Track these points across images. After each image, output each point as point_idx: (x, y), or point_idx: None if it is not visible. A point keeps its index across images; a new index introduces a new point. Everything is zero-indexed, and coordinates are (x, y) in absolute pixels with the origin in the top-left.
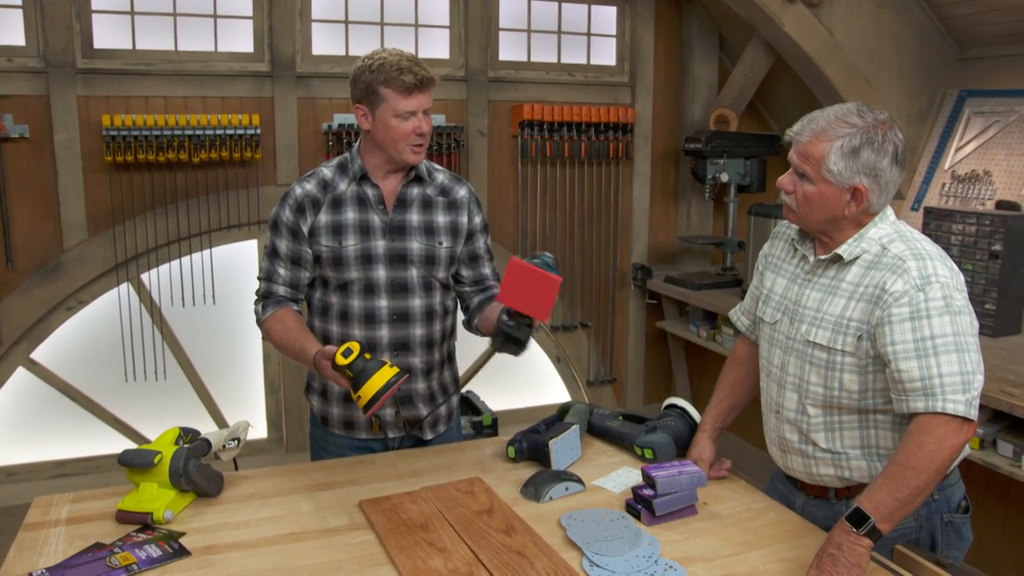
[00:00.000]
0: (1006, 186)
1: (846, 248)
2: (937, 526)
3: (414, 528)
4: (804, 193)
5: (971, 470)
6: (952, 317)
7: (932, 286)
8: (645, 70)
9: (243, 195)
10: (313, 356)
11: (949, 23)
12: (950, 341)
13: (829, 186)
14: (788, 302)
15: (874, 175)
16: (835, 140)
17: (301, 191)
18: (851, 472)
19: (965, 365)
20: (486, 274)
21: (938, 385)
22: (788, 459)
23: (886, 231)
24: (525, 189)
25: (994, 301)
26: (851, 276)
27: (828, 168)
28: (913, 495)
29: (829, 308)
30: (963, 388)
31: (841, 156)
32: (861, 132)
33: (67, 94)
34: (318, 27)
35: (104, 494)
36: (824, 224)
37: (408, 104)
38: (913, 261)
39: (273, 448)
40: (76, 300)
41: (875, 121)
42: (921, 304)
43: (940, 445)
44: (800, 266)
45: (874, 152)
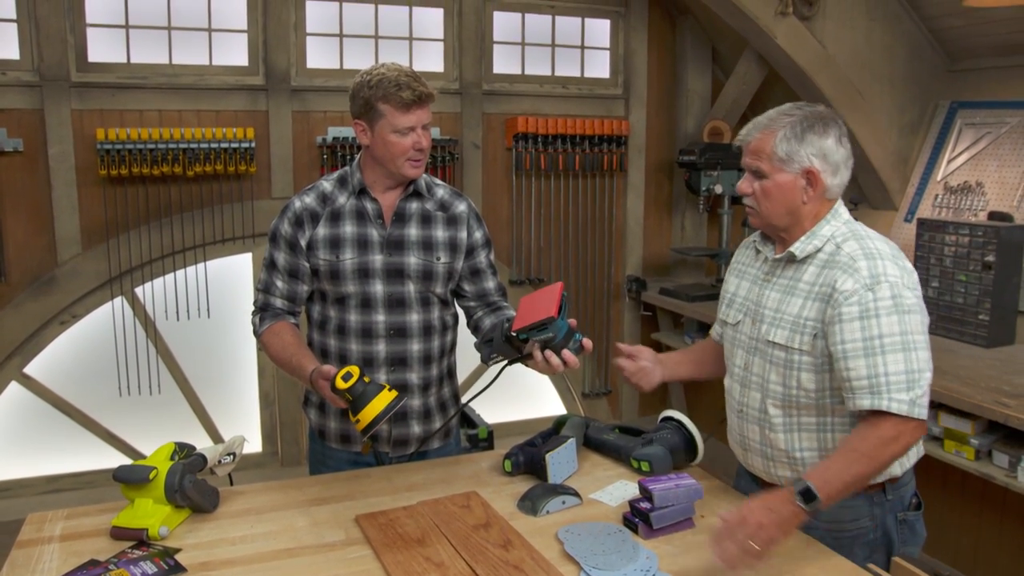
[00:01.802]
0: (998, 197)
1: (799, 245)
2: (892, 525)
3: (411, 543)
4: (762, 188)
5: (967, 481)
6: (900, 316)
7: (881, 285)
8: (639, 82)
9: (237, 208)
10: (310, 374)
11: (940, 35)
12: (897, 340)
13: (783, 174)
14: (750, 303)
15: (822, 155)
16: (779, 129)
17: (300, 204)
18: (806, 470)
19: (911, 363)
20: (490, 288)
21: (883, 384)
22: (749, 457)
23: (840, 229)
24: (519, 202)
25: (988, 312)
26: (808, 276)
27: (778, 156)
28: (857, 481)
29: (787, 308)
30: (907, 387)
31: (787, 141)
32: (801, 118)
33: (61, 108)
34: (313, 40)
35: (98, 510)
36: (786, 218)
37: (407, 120)
38: (864, 260)
39: (268, 462)
40: (70, 314)
41: (813, 110)
42: (870, 303)
43: (883, 442)
44: (761, 268)
45: (817, 134)
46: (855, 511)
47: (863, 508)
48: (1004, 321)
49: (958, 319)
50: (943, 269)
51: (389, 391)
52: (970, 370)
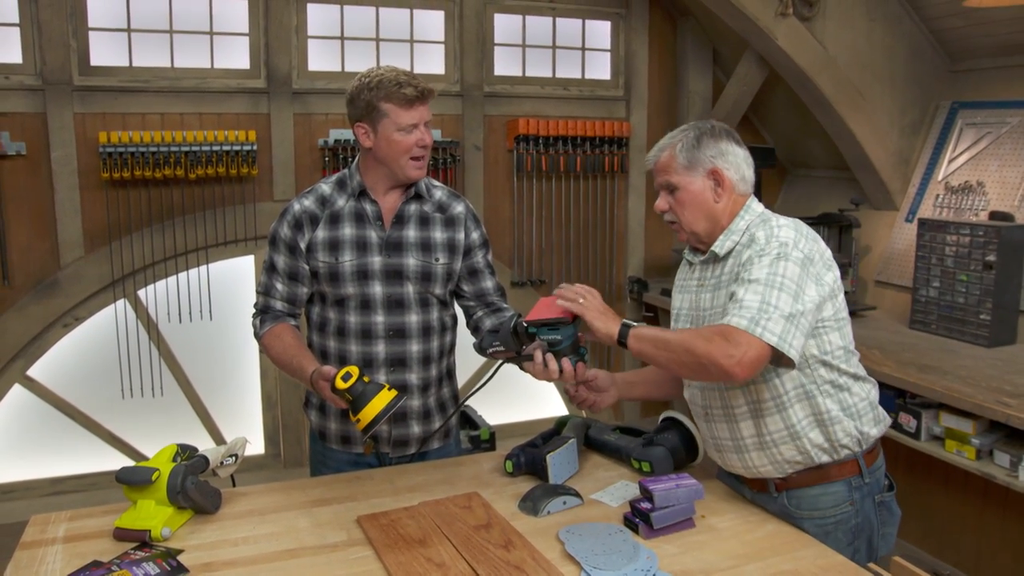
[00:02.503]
0: (999, 197)
1: (719, 244)
2: (871, 507)
3: (412, 543)
4: (677, 200)
5: (968, 480)
6: (773, 261)
7: (771, 243)
8: (640, 84)
9: (239, 211)
10: (310, 375)
11: (940, 36)
12: (762, 278)
13: (691, 180)
14: (693, 311)
15: (722, 155)
16: (677, 143)
17: (299, 207)
18: (782, 454)
19: (768, 298)
20: (488, 288)
21: (736, 308)
22: (726, 457)
23: (752, 221)
24: (521, 203)
25: (989, 312)
26: (728, 267)
27: (682, 165)
28: (662, 351)
29: (717, 301)
30: (757, 311)
31: (686, 150)
32: (693, 129)
33: (64, 111)
34: (314, 43)
35: (101, 512)
36: (706, 222)
37: (411, 116)
38: (762, 232)
39: (271, 464)
40: (73, 317)
41: (706, 124)
42: (755, 259)
43: (707, 343)
44: (693, 277)
45: (712, 139)
46: (836, 497)
47: (843, 494)
48: (1005, 321)
49: (959, 319)
50: (944, 269)
51: (389, 390)
52: (971, 370)
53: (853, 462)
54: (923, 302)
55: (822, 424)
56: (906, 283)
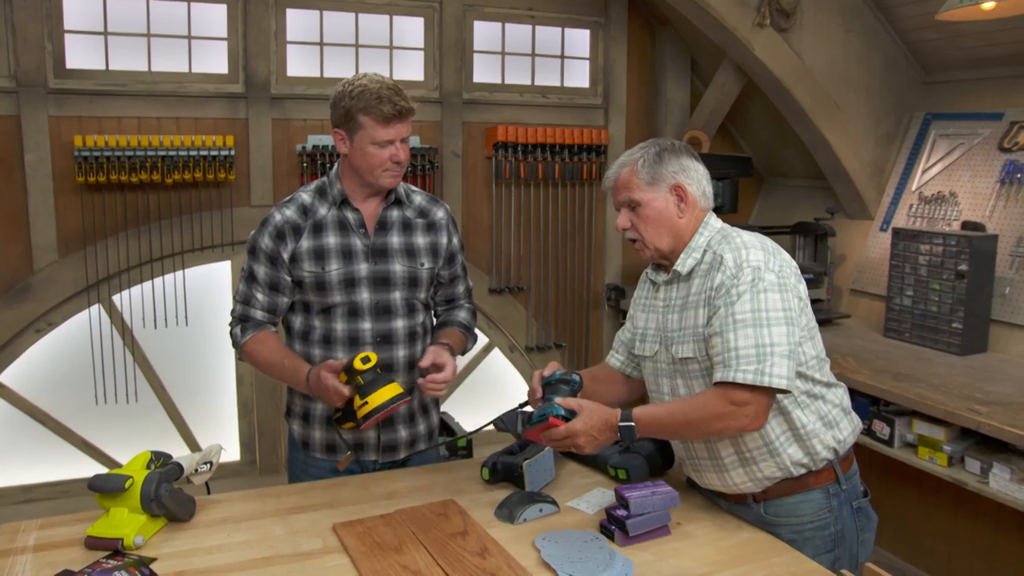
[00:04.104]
0: (971, 207)
1: (680, 262)
2: (849, 514)
3: (388, 551)
4: (641, 216)
5: (940, 487)
6: (754, 295)
7: (744, 271)
8: (618, 92)
9: (216, 216)
10: (308, 371)
11: (915, 48)
12: (748, 318)
13: (654, 197)
14: (660, 332)
15: (683, 170)
16: (638, 160)
17: (281, 217)
18: (761, 471)
19: (762, 339)
20: (459, 292)
21: (733, 358)
22: (704, 478)
23: (713, 237)
24: (499, 210)
25: (961, 320)
26: (695, 288)
27: (645, 181)
28: (675, 437)
29: (686, 323)
30: (757, 359)
31: (647, 167)
32: (653, 145)
33: (38, 114)
34: (293, 49)
35: (73, 520)
36: (670, 239)
37: (386, 133)
38: (730, 253)
39: (246, 471)
40: (45, 322)
41: (666, 141)
42: (733, 290)
43: (723, 420)
44: (658, 296)
45: (673, 155)
46: (814, 505)
47: (821, 502)
48: (977, 329)
49: (932, 327)
50: (918, 278)
51: (398, 385)
52: (943, 378)
53: (830, 470)
54: (897, 310)
55: (800, 439)
56: (880, 292)
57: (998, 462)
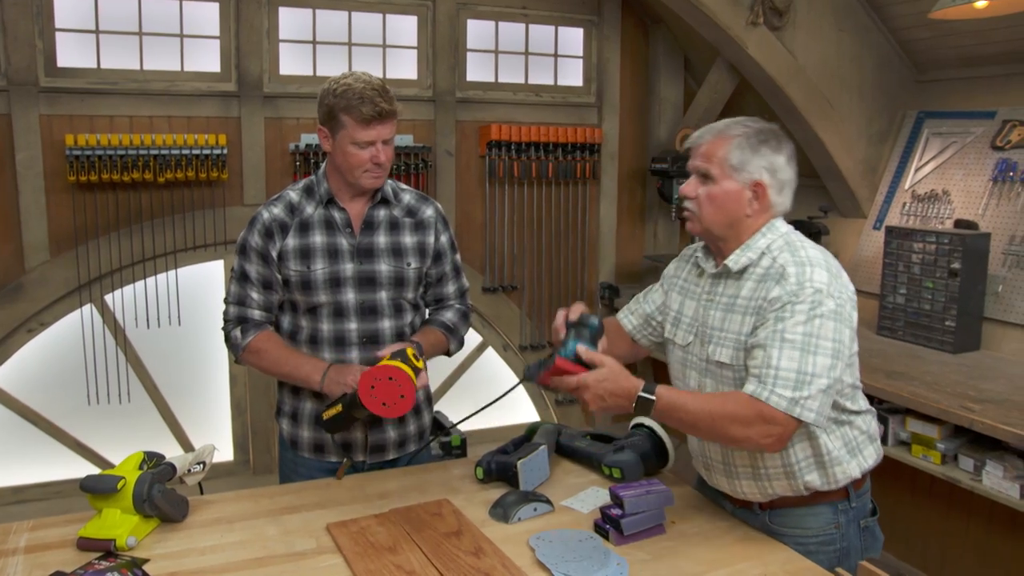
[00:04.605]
0: (964, 205)
1: (733, 258)
2: (855, 532)
3: (382, 551)
4: (708, 193)
5: (934, 485)
6: (810, 319)
7: (805, 290)
8: (612, 91)
9: (209, 215)
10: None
11: (907, 46)
12: (798, 340)
13: (732, 182)
14: (697, 324)
15: (772, 170)
16: (735, 137)
17: (269, 215)
18: (772, 488)
19: (806, 365)
20: (448, 293)
21: (771, 376)
22: (714, 477)
23: (776, 241)
24: (493, 209)
25: (954, 318)
26: (746, 291)
27: (731, 164)
28: (688, 429)
29: (729, 326)
30: (795, 386)
31: (741, 151)
32: (758, 130)
33: (29, 113)
34: (286, 47)
35: (65, 521)
36: (726, 228)
37: (366, 135)
38: (793, 268)
39: (240, 471)
40: (37, 322)
41: (770, 125)
42: (788, 306)
43: (738, 421)
44: (703, 286)
45: (772, 149)
46: (821, 519)
47: (829, 516)
48: (969, 327)
49: (925, 325)
50: (911, 276)
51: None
52: (937, 376)
53: (842, 488)
54: (890, 309)
55: (822, 466)
56: (874, 290)
57: (991, 460)
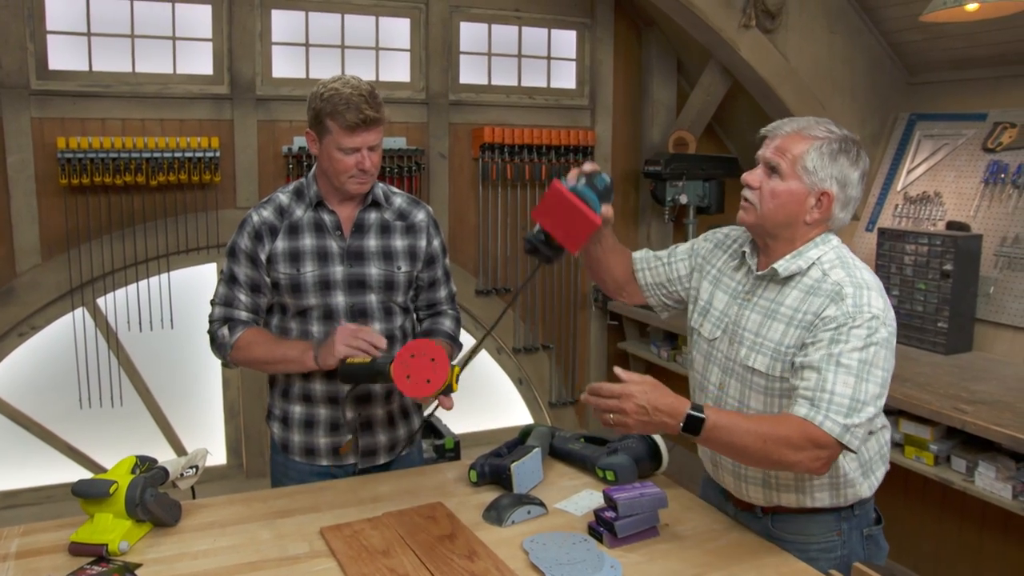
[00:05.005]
0: (956, 207)
1: (783, 264)
2: (858, 540)
3: (376, 555)
4: (772, 189)
5: (927, 486)
6: (867, 345)
7: (863, 314)
8: (605, 93)
9: (202, 218)
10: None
11: (899, 49)
12: (854, 365)
13: (800, 184)
14: (728, 320)
15: (843, 184)
16: (816, 140)
17: (258, 218)
18: (779, 498)
19: (860, 392)
20: (440, 298)
21: (826, 400)
22: (720, 474)
23: (827, 254)
24: (486, 211)
25: (946, 320)
26: (791, 301)
27: (804, 165)
28: (736, 454)
29: (768, 333)
30: (848, 412)
31: (819, 156)
32: (840, 140)
33: (20, 115)
34: (278, 50)
35: (56, 526)
36: (780, 228)
37: (351, 141)
38: (851, 289)
39: (233, 474)
40: (29, 326)
41: (851, 136)
42: (845, 329)
43: (790, 446)
44: (741, 283)
45: (849, 162)
46: (824, 525)
47: (831, 523)
48: (962, 329)
49: (918, 327)
50: (903, 278)
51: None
52: (929, 377)
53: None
54: None
55: (835, 487)
56: None
57: (983, 461)
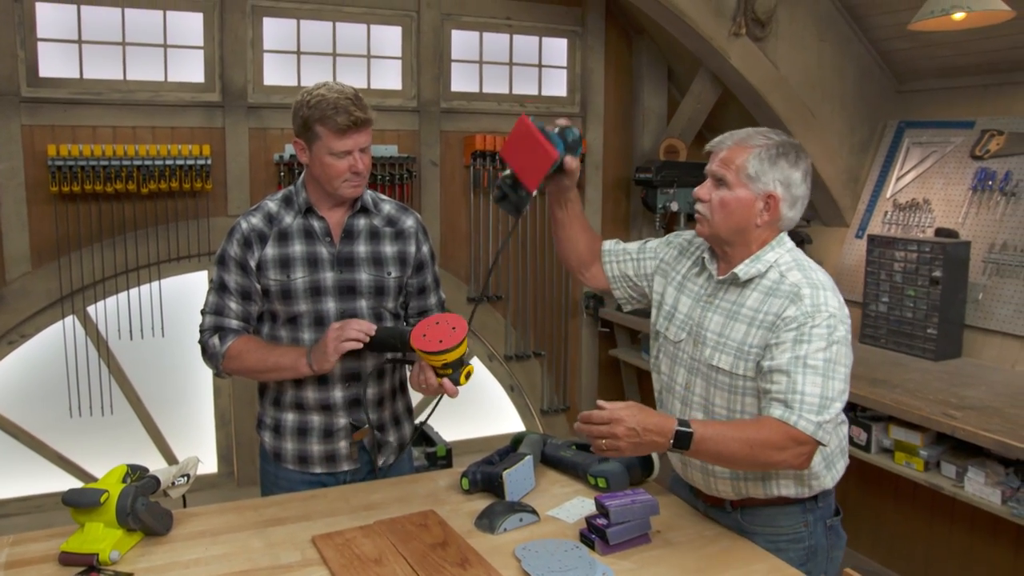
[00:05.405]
0: (944, 214)
1: (743, 268)
2: (822, 531)
3: (368, 563)
4: (721, 199)
5: (917, 491)
6: (829, 344)
7: (820, 314)
8: (596, 101)
9: (193, 226)
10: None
11: (888, 57)
12: (820, 366)
13: (746, 191)
14: (692, 323)
15: (787, 185)
16: (755, 147)
17: (247, 225)
18: (747, 490)
19: (827, 390)
20: (431, 304)
21: (798, 401)
22: (689, 471)
23: (783, 257)
24: (478, 219)
25: (935, 326)
26: (751, 302)
27: (747, 173)
28: (724, 460)
29: (731, 333)
30: (818, 410)
31: (760, 161)
32: (778, 144)
33: (11, 123)
34: (270, 57)
35: (46, 535)
36: (734, 234)
37: (343, 144)
38: (808, 289)
39: (224, 483)
40: (18, 334)
41: (790, 140)
42: (806, 329)
43: (773, 446)
44: (703, 287)
45: (789, 163)
46: (792, 517)
47: (798, 515)
48: (951, 335)
49: (907, 333)
50: (893, 284)
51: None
52: (919, 383)
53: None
54: (873, 317)
55: (800, 478)
56: (856, 298)
57: (973, 466)
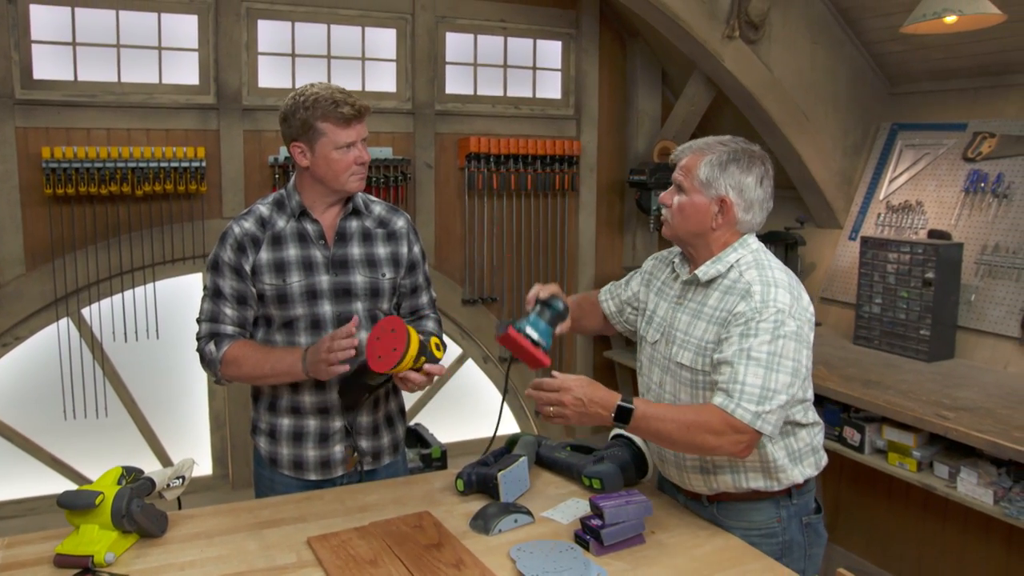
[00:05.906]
0: (937, 216)
1: (703, 269)
2: (797, 527)
3: (363, 564)
4: (679, 204)
5: (910, 492)
6: (774, 338)
7: (768, 309)
8: (590, 103)
9: (188, 228)
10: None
11: (880, 60)
12: (763, 358)
13: (700, 196)
14: (665, 324)
15: (739, 189)
16: (708, 155)
17: (240, 230)
18: (717, 484)
19: (769, 382)
20: (423, 303)
21: (738, 390)
22: (667, 468)
23: (745, 257)
24: (472, 221)
25: (928, 327)
26: (712, 301)
27: (699, 178)
28: (662, 440)
29: (694, 331)
30: (758, 400)
31: (710, 167)
32: (731, 151)
33: (5, 125)
34: (265, 60)
35: (41, 538)
36: (693, 237)
37: (348, 135)
38: (759, 287)
39: (219, 485)
40: (12, 336)
41: (746, 147)
42: (753, 324)
43: (710, 430)
44: (676, 289)
45: (740, 169)
46: (764, 513)
47: (771, 511)
48: (944, 336)
49: (900, 334)
50: (886, 286)
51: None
52: (912, 384)
53: (785, 488)
54: (866, 318)
55: (767, 472)
56: (850, 300)
57: (965, 467)
